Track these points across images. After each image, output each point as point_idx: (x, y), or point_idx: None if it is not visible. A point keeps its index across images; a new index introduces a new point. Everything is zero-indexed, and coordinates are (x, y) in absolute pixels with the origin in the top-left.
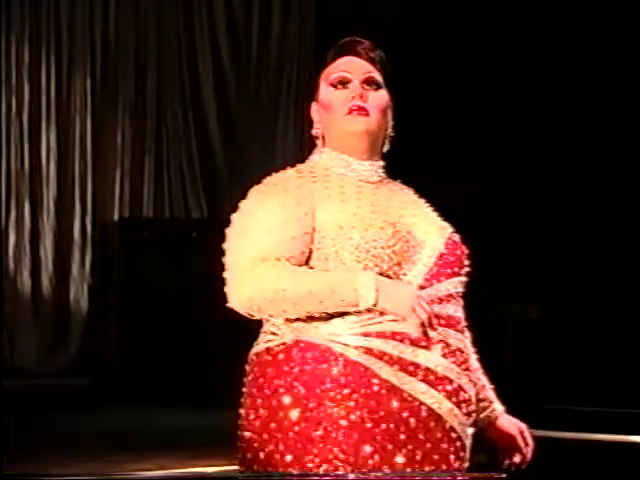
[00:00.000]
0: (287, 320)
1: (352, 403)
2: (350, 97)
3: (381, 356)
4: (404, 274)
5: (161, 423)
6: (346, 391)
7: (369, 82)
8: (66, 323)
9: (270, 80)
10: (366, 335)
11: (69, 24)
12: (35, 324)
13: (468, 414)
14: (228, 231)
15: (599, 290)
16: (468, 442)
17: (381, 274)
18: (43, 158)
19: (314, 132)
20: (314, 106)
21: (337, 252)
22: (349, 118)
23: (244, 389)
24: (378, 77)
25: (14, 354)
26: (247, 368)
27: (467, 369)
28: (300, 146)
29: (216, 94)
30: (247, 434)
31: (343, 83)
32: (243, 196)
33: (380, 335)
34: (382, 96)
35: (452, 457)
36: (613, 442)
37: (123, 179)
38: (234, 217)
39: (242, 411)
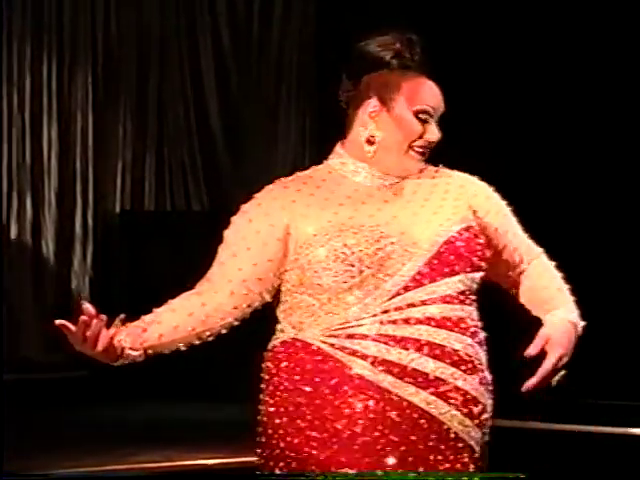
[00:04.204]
0: (288, 317)
1: (340, 404)
2: (424, 139)
3: (366, 358)
4: (389, 275)
5: (162, 416)
6: (335, 392)
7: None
8: (67, 316)
9: (271, 72)
10: (351, 337)
11: (71, 18)
12: (36, 317)
13: (469, 413)
14: None
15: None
16: (474, 442)
17: (354, 277)
18: (44, 152)
19: (367, 137)
20: (374, 108)
21: (310, 261)
22: (408, 158)
23: (260, 385)
24: None
25: (14, 347)
26: (261, 364)
27: (468, 370)
28: (302, 138)
29: (217, 86)
30: (259, 429)
31: (424, 119)
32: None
33: (365, 337)
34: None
35: (452, 458)
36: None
37: (124, 172)
38: None
39: (258, 406)
